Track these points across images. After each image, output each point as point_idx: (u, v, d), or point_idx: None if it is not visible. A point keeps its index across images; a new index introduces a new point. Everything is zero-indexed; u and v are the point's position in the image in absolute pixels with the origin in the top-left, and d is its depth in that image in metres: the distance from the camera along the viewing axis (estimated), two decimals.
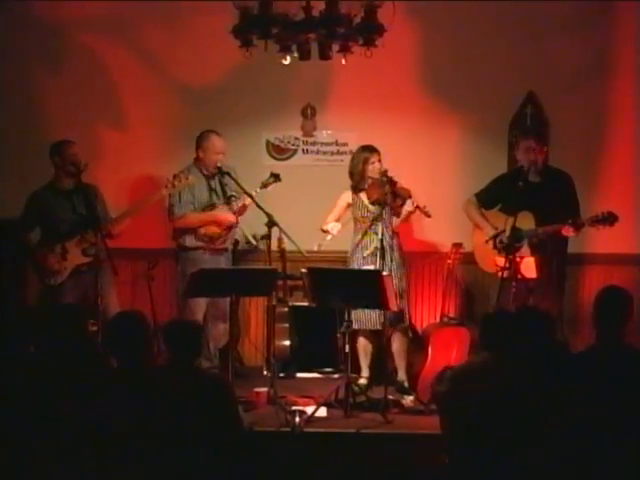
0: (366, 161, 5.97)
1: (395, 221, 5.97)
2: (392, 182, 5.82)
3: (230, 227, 6.09)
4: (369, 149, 6.00)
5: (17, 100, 6.67)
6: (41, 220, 5.94)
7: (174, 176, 5.96)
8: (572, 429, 3.76)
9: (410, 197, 5.85)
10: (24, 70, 6.69)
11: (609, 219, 5.68)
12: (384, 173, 5.87)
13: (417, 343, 5.99)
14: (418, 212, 5.86)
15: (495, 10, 6.56)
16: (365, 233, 5.97)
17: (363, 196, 6.02)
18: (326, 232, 6.01)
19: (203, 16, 6.52)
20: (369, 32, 5.11)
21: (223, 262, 6.12)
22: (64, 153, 5.87)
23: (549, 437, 3.76)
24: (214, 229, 6.07)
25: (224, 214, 6.06)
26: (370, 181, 5.96)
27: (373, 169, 5.95)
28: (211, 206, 6.10)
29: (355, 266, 5.96)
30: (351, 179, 6.05)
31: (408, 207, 5.88)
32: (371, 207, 5.96)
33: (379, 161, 5.95)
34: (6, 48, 6.62)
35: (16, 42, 6.63)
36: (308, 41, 5.16)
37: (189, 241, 6.09)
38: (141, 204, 5.99)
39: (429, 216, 5.86)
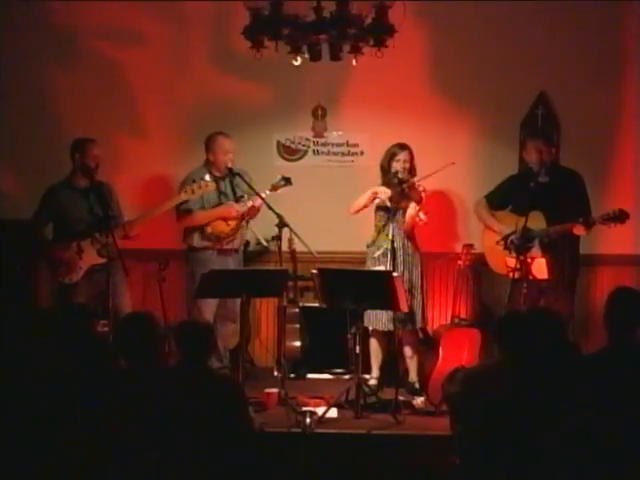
0: (392, 157, 5.95)
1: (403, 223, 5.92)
2: (400, 181, 5.81)
3: (237, 225, 6.06)
4: (399, 145, 5.97)
5: (31, 99, 6.66)
6: (55, 216, 5.91)
7: (193, 181, 5.94)
8: (583, 431, 3.74)
9: (418, 202, 5.80)
10: (38, 68, 6.68)
11: (620, 217, 5.67)
12: (395, 174, 5.87)
13: (428, 344, 5.98)
14: (417, 219, 5.78)
15: (506, 11, 6.54)
16: (379, 232, 5.96)
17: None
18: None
19: (214, 17, 6.53)
20: (380, 33, 5.10)
21: (231, 263, 6.10)
22: (86, 150, 5.86)
23: (560, 439, 3.74)
24: (221, 227, 6.05)
25: (230, 207, 6.04)
26: (395, 179, 5.94)
27: (397, 166, 5.93)
28: (219, 205, 6.10)
29: (369, 264, 5.96)
30: (381, 173, 6.04)
31: (410, 210, 5.85)
32: (390, 205, 5.94)
33: (405, 160, 5.91)
34: (21, 46, 6.62)
35: (31, 41, 6.62)
36: (319, 42, 5.16)
37: (196, 241, 6.09)
38: (158, 208, 5.96)
39: (423, 222, 5.76)
